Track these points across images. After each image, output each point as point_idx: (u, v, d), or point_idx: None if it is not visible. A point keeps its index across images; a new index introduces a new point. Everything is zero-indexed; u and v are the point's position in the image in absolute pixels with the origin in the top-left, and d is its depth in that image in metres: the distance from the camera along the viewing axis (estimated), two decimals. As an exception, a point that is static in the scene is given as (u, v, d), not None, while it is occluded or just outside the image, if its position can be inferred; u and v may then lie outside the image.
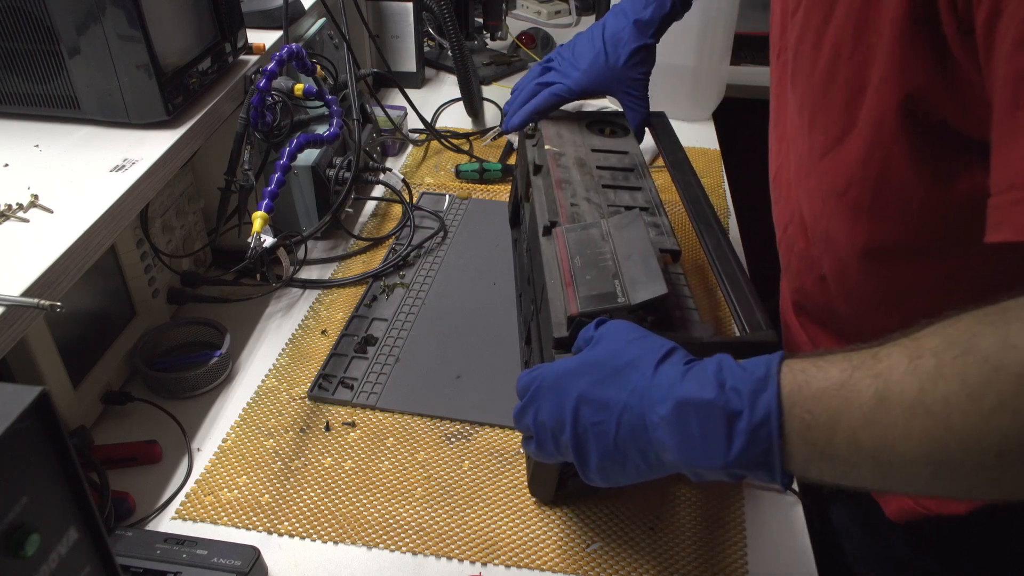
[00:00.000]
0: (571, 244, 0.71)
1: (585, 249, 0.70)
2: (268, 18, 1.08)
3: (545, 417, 0.57)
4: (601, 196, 0.81)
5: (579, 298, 0.65)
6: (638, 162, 0.89)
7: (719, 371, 0.50)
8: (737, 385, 0.48)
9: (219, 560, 0.63)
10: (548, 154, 0.88)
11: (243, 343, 0.92)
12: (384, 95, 1.52)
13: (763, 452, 0.47)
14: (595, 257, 0.69)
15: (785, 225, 0.79)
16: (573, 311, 0.64)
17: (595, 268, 0.67)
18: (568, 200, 0.80)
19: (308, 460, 0.77)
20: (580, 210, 0.78)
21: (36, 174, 0.73)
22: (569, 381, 0.56)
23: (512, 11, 1.95)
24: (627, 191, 0.83)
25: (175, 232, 0.95)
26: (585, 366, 0.56)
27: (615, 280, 0.65)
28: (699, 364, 0.51)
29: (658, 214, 0.80)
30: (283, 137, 0.98)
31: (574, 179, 0.84)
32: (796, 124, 0.71)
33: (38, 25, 0.74)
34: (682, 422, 0.49)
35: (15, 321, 0.58)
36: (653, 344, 0.55)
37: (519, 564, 0.69)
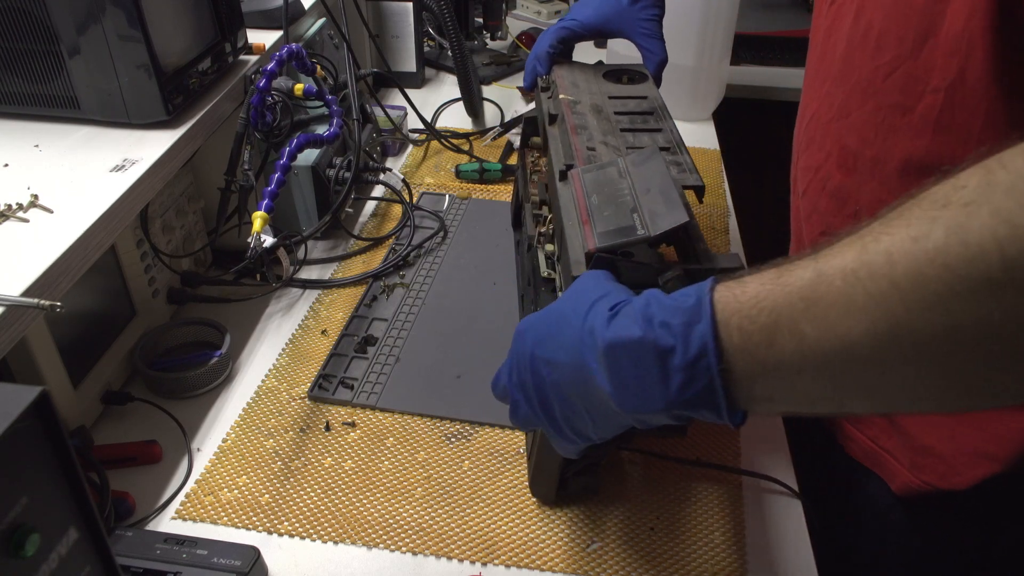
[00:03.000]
0: (587, 184, 0.69)
1: (603, 188, 0.67)
2: (268, 18, 1.08)
3: (515, 378, 0.56)
4: (619, 139, 0.79)
5: (596, 234, 0.62)
6: (657, 105, 0.86)
7: (646, 306, 0.46)
8: (666, 319, 0.44)
9: (219, 560, 0.63)
10: (563, 103, 0.86)
11: (243, 343, 0.92)
12: (384, 95, 1.52)
13: (704, 388, 0.43)
14: (613, 194, 0.66)
15: (817, 168, 0.79)
16: (591, 247, 0.61)
17: (613, 205, 0.65)
18: (584, 144, 0.77)
19: (308, 460, 0.77)
20: (597, 153, 0.76)
21: (36, 174, 0.73)
22: (525, 338, 0.55)
23: (512, 11, 1.95)
24: (646, 133, 0.81)
25: (175, 232, 0.95)
26: (537, 321, 0.55)
27: (634, 214, 0.63)
28: (626, 303, 0.48)
29: (679, 152, 0.77)
30: (283, 137, 0.98)
31: (590, 124, 0.81)
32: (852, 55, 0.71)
33: (38, 25, 0.74)
34: (614, 367, 0.46)
35: (15, 321, 0.58)
36: (590, 291, 0.52)
37: (519, 564, 0.69)
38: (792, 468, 0.79)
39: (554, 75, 0.95)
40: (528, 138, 1.03)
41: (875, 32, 0.67)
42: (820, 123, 0.79)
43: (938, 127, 0.64)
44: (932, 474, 0.75)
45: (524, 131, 1.03)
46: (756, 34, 1.89)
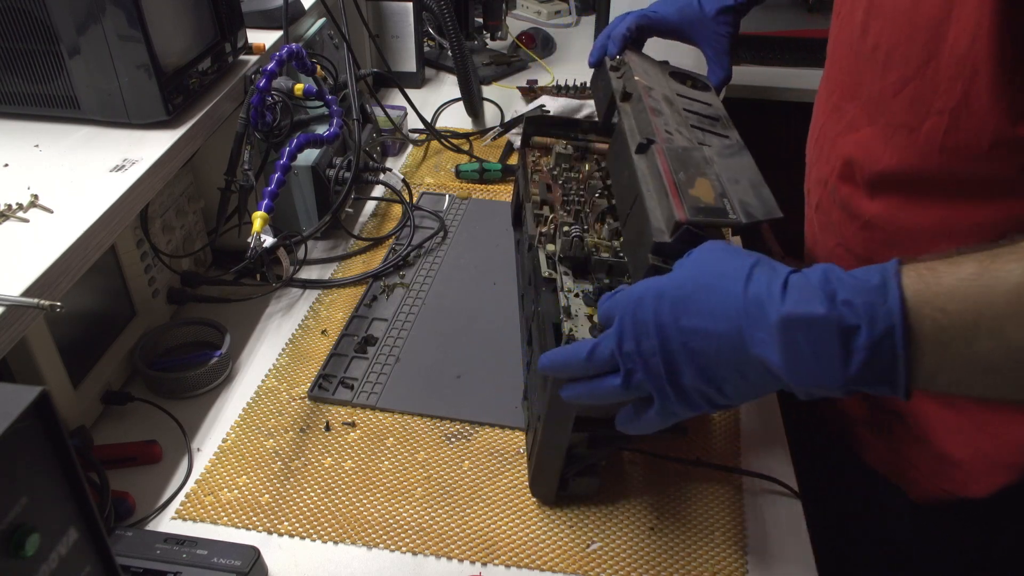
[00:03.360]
0: (672, 161, 0.68)
1: (688, 168, 0.66)
2: (268, 18, 1.08)
3: (632, 346, 0.53)
4: (692, 134, 0.77)
5: (687, 207, 0.61)
6: (722, 115, 0.86)
7: (826, 282, 0.45)
8: (849, 297, 0.44)
9: (219, 560, 0.63)
10: (639, 84, 0.85)
11: (243, 343, 0.92)
12: (384, 95, 1.52)
13: (886, 367, 0.43)
14: (699, 175, 0.65)
15: (825, 181, 0.79)
16: (681, 217, 0.60)
17: (701, 185, 0.64)
18: (663, 127, 0.76)
19: (308, 460, 0.77)
20: (674, 138, 0.75)
21: (36, 174, 0.73)
22: (655, 303, 0.52)
23: (512, 11, 1.95)
24: (716, 136, 0.79)
25: (175, 232, 0.95)
26: (671, 285, 0.52)
27: (723, 199, 0.62)
28: (800, 275, 0.47)
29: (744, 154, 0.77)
30: (283, 137, 0.98)
31: (664, 112, 0.80)
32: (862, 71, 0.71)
33: (38, 25, 0.74)
34: (789, 341, 0.46)
35: (15, 321, 0.58)
36: (741, 255, 0.51)
37: (519, 564, 0.69)
38: (792, 468, 0.79)
39: (625, 58, 0.94)
40: (528, 138, 1.03)
41: (883, 50, 0.67)
42: (828, 136, 0.79)
43: (943, 148, 0.63)
44: (952, 482, 0.75)
45: (524, 131, 1.03)
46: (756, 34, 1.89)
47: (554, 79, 1.61)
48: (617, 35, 0.95)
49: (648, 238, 0.62)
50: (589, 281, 0.76)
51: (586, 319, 0.70)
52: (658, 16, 0.96)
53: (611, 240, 0.80)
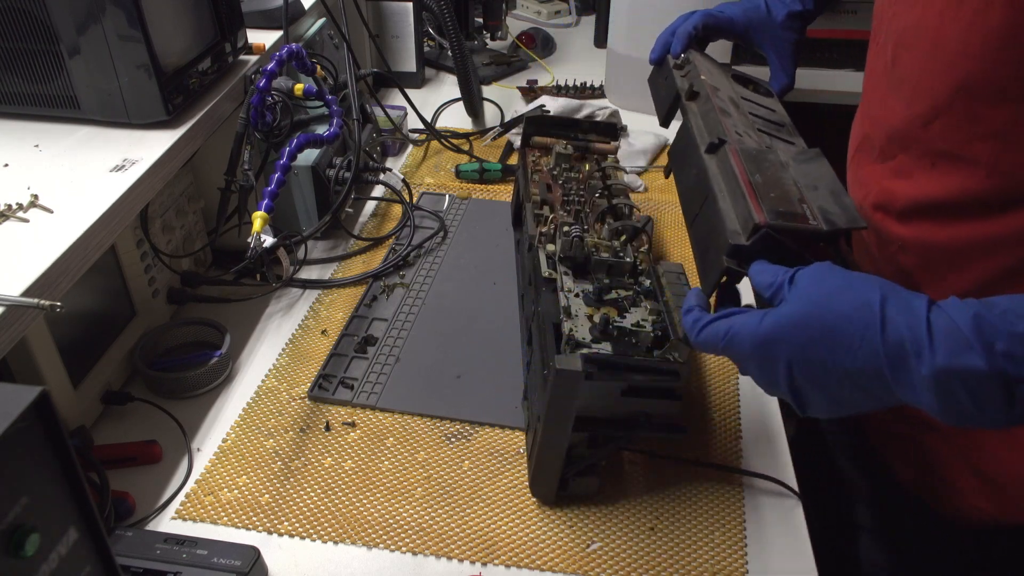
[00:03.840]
0: (747, 162, 0.66)
1: (764, 171, 0.64)
2: (268, 18, 1.08)
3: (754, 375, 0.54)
4: (760, 138, 0.75)
5: (766, 210, 0.58)
6: (787, 122, 0.84)
7: (979, 331, 0.44)
8: (1009, 349, 0.43)
9: (219, 560, 0.63)
10: (705, 83, 0.83)
11: (243, 343, 0.92)
12: (384, 95, 1.52)
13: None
14: (775, 179, 0.63)
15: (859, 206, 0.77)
16: (761, 220, 0.57)
17: (777, 188, 0.62)
18: (732, 128, 0.74)
19: (308, 460, 0.77)
20: (743, 140, 0.72)
21: (36, 174, 0.73)
22: (776, 347, 0.51)
23: (512, 11, 1.95)
24: (782, 142, 0.77)
25: (175, 232, 0.95)
26: (792, 327, 0.51)
27: (802, 204, 0.60)
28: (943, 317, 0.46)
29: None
30: (283, 137, 0.98)
31: (732, 114, 0.78)
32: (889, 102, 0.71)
33: (38, 25, 0.74)
34: (946, 390, 0.45)
35: (15, 321, 0.58)
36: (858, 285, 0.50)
37: (519, 564, 0.69)
38: (792, 468, 0.79)
39: (690, 57, 0.92)
40: (528, 138, 1.03)
41: (909, 84, 0.67)
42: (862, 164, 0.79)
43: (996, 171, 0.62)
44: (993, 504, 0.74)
45: (524, 131, 1.03)
46: (756, 34, 1.89)
47: (554, 79, 1.61)
48: (682, 33, 0.93)
49: (723, 240, 0.60)
50: (589, 281, 0.76)
51: (586, 319, 0.70)
52: (724, 16, 0.94)
53: (611, 240, 0.80)
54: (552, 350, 0.67)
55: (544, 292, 0.74)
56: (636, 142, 1.34)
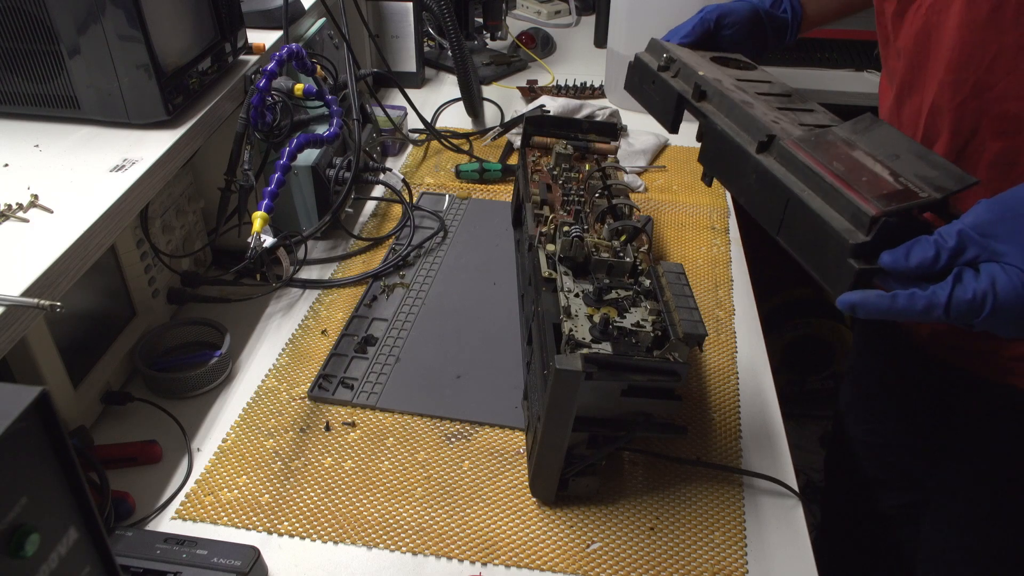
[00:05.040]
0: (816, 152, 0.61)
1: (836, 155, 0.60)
2: (268, 18, 1.08)
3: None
4: (787, 117, 0.71)
5: (872, 199, 0.55)
6: (791, 90, 0.79)
7: None
8: None
9: (219, 560, 0.63)
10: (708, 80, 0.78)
11: (243, 343, 0.92)
12: (384, 95, 1.52)
13: None
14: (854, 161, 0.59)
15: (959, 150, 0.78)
16: (875, 211, 0.54)
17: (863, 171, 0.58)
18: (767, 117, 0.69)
19: (308, 460, 0.77)
20: (784, 128, 0.67)
21: (36, 174, 0.73)
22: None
23: (512, 11, 1.95)
24: (805, 113, 0.73)
25: (175, 232, 0.95)
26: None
27: (899, 179, 0.57)
28: None
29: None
30: (283, 137, 0.98)
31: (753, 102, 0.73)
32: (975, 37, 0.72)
33: (38, 25, 0.74)
34: None
35: (15, 321, 0.58)
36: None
37: (519, 564, 0.69)
38: (792, 468, 0.79)
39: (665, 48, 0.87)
40: (528, 138, 1.03)
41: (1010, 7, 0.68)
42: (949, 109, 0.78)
43: None
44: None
45: (524, 131, 1.03)
46: (756, 34, 1.89)
47: (554, 79, 1.61)
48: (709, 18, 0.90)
49: (839, 243, 0.56)
50: (589, 281, 0.76)
51: (586, 319, 0.70)
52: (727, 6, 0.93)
53: (611, 240, 0.80)
54: (552, 350, 0.67)
55: (544, 292, 0.74)
56: (636, 142, 1.34)
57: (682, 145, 1.38)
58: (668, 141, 1.38)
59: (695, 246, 1.12)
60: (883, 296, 0.54)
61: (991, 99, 0.74)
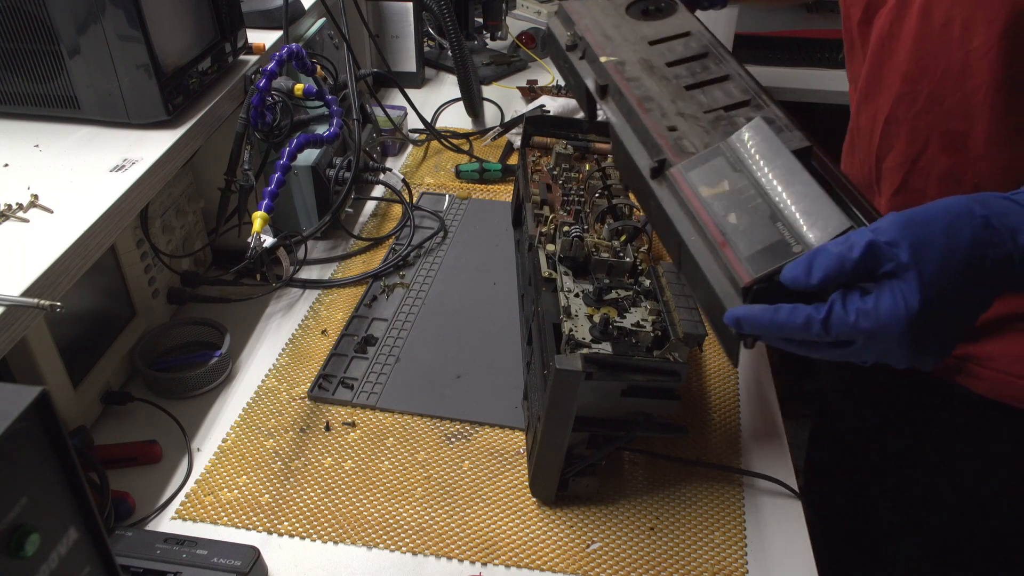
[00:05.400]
0: (698, 186, 0.58)
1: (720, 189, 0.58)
2: (268, 18, 1.08)
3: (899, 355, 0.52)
4: (692, 103, 0.66)
5: (743, 259, 0.53)
6: (707, 41, 0.74)
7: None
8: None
9: (219, 560, 0.63)
10: (608, 67, 0.71)
11: (243, 343, 0.92)
12: (384, 95, 1.52)
13: None
14: (737, 196, 0.56)
15: (913, 160, 0.78)
16: (747, 280, 0.52)
17: (743, 211, 0.55)
18: (662, 124, 0.65)
19: (308, 460, 0.77)
20: (681, 133, 0.64)
21: (36, 174, 0.73)
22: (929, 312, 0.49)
23: (512, 11, 1.95)
24: (716, 86, 0.68)
25: (175, 232, 0.95)
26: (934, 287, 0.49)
27: (775, 223, 0.54)
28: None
29: (764, 105, 0.66)
30: (283, 137, 0.98)
31: (652, 91, 0.68)
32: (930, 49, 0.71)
33: (38, 25, 0.74)
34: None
35: (15, 321, 0.58)
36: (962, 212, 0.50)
37: (519, 564, 0.69)
38: (792, 468, 0.79)
39: (573, 16, 0.79)
40: (528, 138, 1.03)
41: (957, 25, 0.68)
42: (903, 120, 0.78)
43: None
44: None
45: (524, 131, 1.03)
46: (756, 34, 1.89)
47: (554, 79, 1.61)
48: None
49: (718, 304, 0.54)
50: (589, 281, 0.76)
51: (586, 319, 0.70)
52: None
53: (611, 240, 0.80)
54: (552, 350, 0.67)
55: (544, 292, 0.74)
56: (636, 142, 1.34)
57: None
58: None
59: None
60: (767, 309, 0.52)
61: (941, 114, 0.73)
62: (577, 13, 0.79)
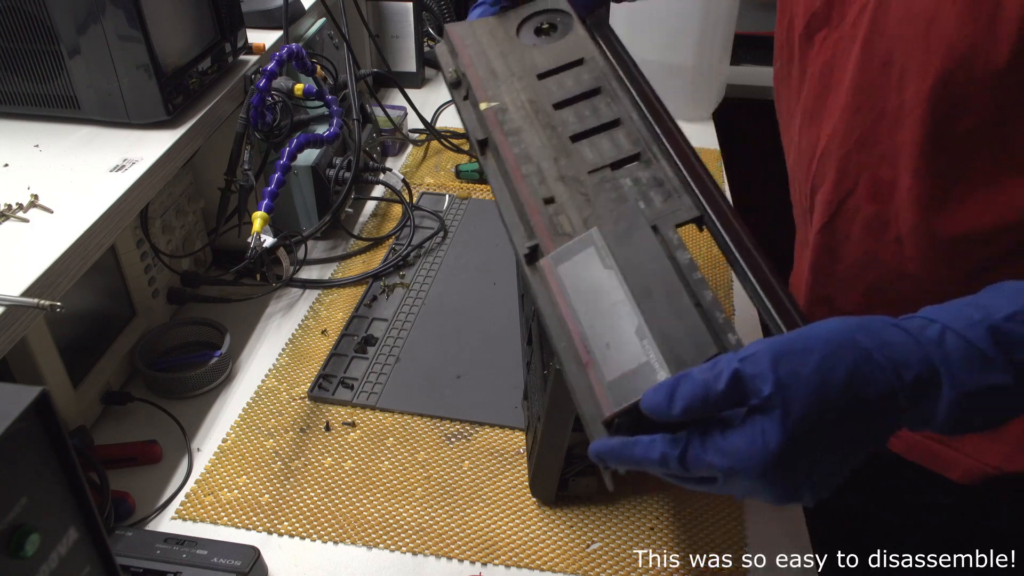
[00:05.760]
0: (567, 285, 0.53)
1: (587, 292, 0.52)
2: (268, 18, 1.08)
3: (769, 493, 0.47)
4: (575, 162, 0.60)
5: (607, 385, 0.48)
6: (600, 70, 0.66)
7: (996, 344, 0.44)
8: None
9: (219, 560, 0.63)
10: (487, 115, 0.64)
11: (243, 343, 0.92)
12: (384, 95, 1.52)
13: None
14: (605, 302, 0.50)
15: (841, 200, 0.75)
16: (608, 413, 0.48)
17: (609, 322, 0.50)
18: (538, 194, 0.58)
19: (308, 460, 0.77)
20: (559, 206, 0.57)
21: (36, 174, 0.73)
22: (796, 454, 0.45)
23: (512, 11, 1.95)
24: (605, 135, 0.62)
25: (175, 232, 0.95)
26: (804, 424, 0.44)
27: (642, 340, 0.48)
28: (956, 339, 0.45)
29: (654, 159, 0.59)
30: (283, 137, 0.98)
31: (531, 146, 0.61)
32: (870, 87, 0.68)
33: (38, 25, 0.74)
34: (966, 411, 0.44)
35: (15, 321, 0.58)
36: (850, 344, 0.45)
37: (519, 564, 0.69)
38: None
39: (457, 45, 0.71)
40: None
41: (895, 69, 0.65)
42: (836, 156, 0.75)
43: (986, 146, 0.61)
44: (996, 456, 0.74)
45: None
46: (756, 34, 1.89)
47: (554, 79, 1.61)
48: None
49: (588, 430, 0.49)
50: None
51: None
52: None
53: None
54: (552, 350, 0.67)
55: None
56: (636, 142, 1.34)
57: (682, 145, 1.38)
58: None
59: (695, 246, 1.12)
60: (625, 443, 0.48)
61: (871, 158, 0.69)
62: (462, 40, 0.72)
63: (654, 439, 0.47)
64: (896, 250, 0.71)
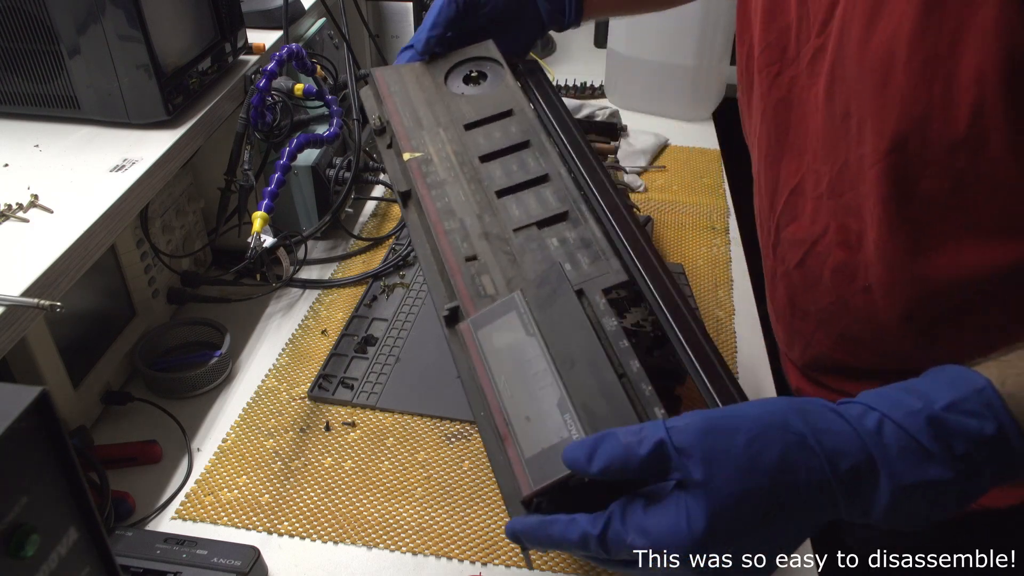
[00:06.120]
0: (487, 351, 0.50)
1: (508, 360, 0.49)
2: (268, 18, 1.08)
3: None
4: (500, 219, 0.58)
5: (526, 462, 0.46)
6: (529, 123, 0.64)
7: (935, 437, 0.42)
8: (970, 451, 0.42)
9: (219, 560, 0.63)
10: (411, 166, 0.62)
11: (243, 343, 0.92)
12: (384, 95, 1.52)
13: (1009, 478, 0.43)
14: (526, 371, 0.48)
15: (813, 242, 0.73)
16: (526, 492, 0.45)
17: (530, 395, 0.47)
18: (461, 251, 0.56)
19: (308, 460, 0.77)
20: (481, 265, 0.55)
21: (36, 174, 0.73)
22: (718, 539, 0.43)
23: (512, 11, 1.95)
24: (532, 191, 0.60)
25: (175, 232, 0.95)
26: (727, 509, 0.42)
27: (564, 415, 0.46)
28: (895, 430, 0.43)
29: (582, 219, 0.57)
30: (283, 137, 0.98)
31: (455, 200, 0.60)
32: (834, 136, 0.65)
33: (38, 25, 0.74)
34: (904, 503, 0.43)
35: (15, 321, 0.58)
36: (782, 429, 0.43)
37: (519, 564, 0.69)
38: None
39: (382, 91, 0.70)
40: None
41: (854, 121, 0.62)
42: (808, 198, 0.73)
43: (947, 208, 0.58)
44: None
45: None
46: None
47: (554, 79, 1.61)
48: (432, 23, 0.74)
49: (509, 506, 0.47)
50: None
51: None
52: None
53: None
54: None
55: None
56: (636, 142, 1.34)
57: (683, 145, 1.38)
58: (668, 141, 1.38)
59: (695, 246, 1.12)
60: (543, 522, 0.45)
61: (840, 206, 0.67)
62: (388, 86, 0.70)
63: (574, 518, 0.44)
64: (866, 300, 0.69)
